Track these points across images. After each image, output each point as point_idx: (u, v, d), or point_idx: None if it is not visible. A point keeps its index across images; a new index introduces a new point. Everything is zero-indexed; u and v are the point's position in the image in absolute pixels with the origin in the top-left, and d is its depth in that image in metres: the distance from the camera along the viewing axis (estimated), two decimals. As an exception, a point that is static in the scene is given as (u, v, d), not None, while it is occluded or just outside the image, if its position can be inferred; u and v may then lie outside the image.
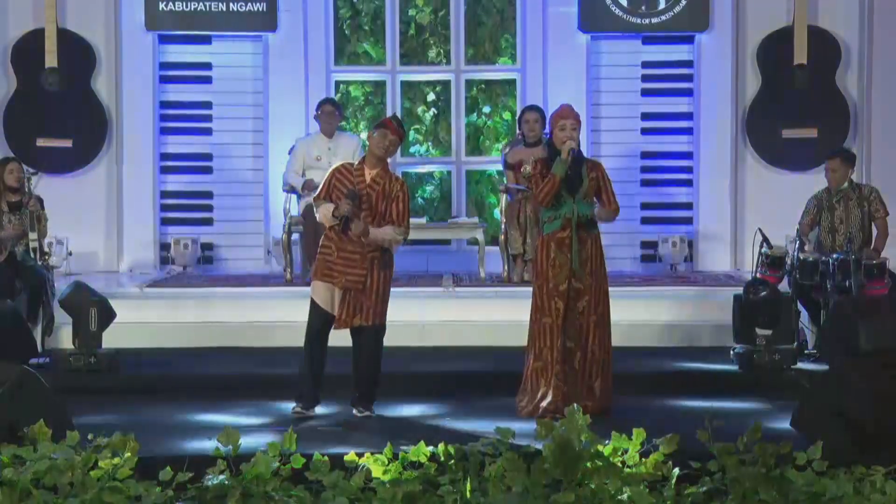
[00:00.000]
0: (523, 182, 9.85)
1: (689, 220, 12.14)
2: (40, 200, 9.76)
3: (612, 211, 7.81)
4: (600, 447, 6.31)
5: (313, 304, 7.75)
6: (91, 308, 8.89)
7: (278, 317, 9.80)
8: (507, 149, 11.02)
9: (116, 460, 6.34)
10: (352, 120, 12.50)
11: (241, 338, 9.82)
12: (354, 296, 7.58)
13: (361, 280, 7.56)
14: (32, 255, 9.53)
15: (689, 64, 12.19)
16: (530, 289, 7.97)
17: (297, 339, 9.11)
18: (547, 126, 9.37)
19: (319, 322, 7.75)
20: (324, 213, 7.56)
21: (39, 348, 9.04)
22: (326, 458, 6.42)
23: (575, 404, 6.74)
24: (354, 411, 7.75)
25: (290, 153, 11.15)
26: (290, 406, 7.89)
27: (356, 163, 7.83)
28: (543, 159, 7.81)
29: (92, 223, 11.92)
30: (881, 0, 11.92)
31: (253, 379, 8.76)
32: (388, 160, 7.85)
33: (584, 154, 7.95)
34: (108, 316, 8.94)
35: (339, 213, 7.44)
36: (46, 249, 9.86)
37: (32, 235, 9.57)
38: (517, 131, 11.32)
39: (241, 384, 8.63)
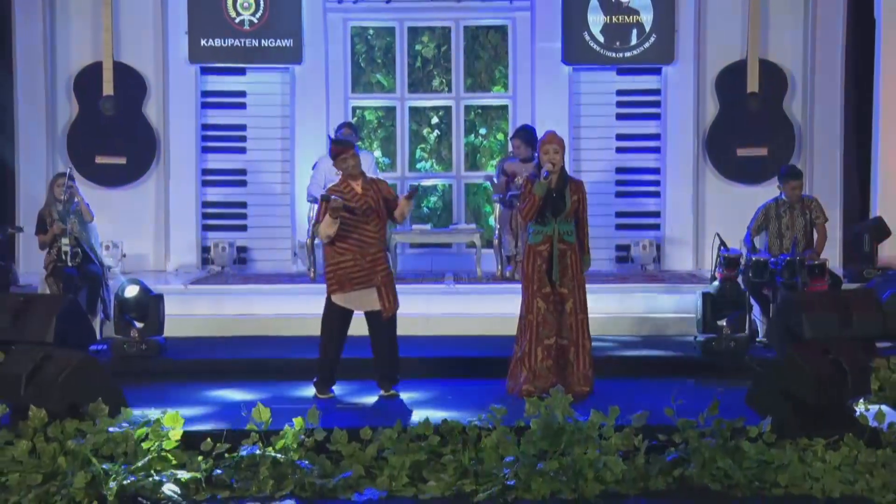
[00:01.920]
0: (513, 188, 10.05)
1: (656, 227, 12.10)
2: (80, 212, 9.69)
3: (584, 235, 7.81)
4: (580, 422, 6.32)
5: (333, 306, 7.73)
6: (148, 301, 8.90)
7: (303, 310, 9.73)
8: (505, 162, 10.97)
9: (164, 434, 6.35)
10: (367, 139, 12.44)
11: (271, 328, 9.86)
12: (389, 286, 7.66)
13: (389, 272, 7.71)
14: (84, 255, 9.46)
15: (657, 92, 12.13)
16: (520, 285, 7.96)
17: (319, 329, 9.11)
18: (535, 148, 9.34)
19: (341, 320, 7.75)
20: (325, 225, 7.53)
21: (98, 336, 8.99)
22: (345, 431, 6.45)
23: (560, 386, 6.84)
24: (381, 391, 7.75)
25: (313, 168, 11.13)
26: (312, 386, 7.86)
27: (339, 183, 7.78)
28: (530, 179, 7.76)
29: (143, 229, 11.89)
30: (822, 38, 11.87)
31: (282, 363, 8.71)
32: (364, 172, 7.85)
33: (568, 172, 7.89)
34: (156, 309, 8.91)
35: (337, 206, 7.40)
36: (104, 248, 9.84)
37: (83, 235, 9.54)
38: (509, 149, 11.30)
39: (271, 368, 8.61)
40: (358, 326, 7.78)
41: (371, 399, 7.71)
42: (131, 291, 8.97)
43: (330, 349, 7.74)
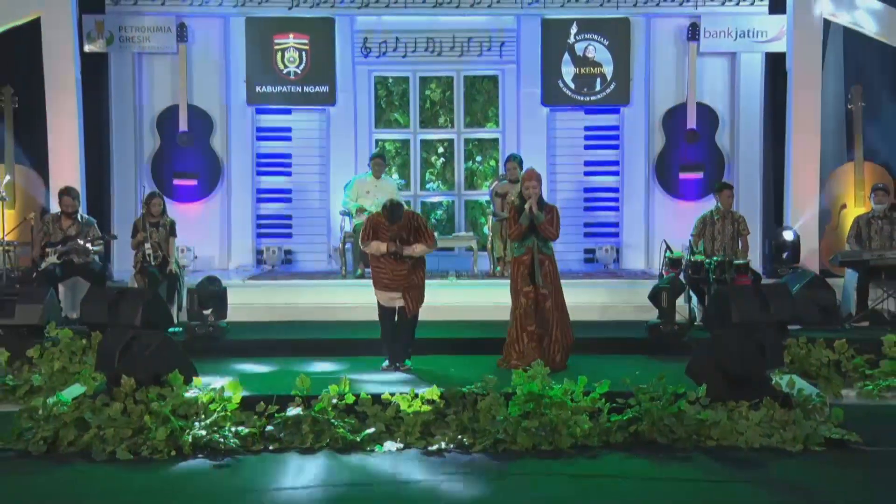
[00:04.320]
0: (506, 209, 9.89)
1: (616, 234, 12.03)
2: (173, 224, 9.71)
3: (552, 234, 7.74)
4: (556, 389, 6.33)
5: (380, 304, 7.82)
6: (214, 293, 8.89)
7: (336, 300, 9.81)
8: (495, 183, 10.98)
9: (226, 398, 6.38)
10: (388, 165, 12.35)
11: (311, 314, 9.81)
12: (411, 292, 7.67)
13: (411, 282, 7.68)
14: (164, 257, 9.51)
15: (616, 127, 12.07)
16: (508, 281, 7.99)
17: (350, 315, 9.19)
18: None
19: (386, 313, 7.80)
20: (375, 248, 7.66)
21: (174, 321, 8.97)
22: (369, 396, 6.46)
23: (541, 360, 6.81)
24: (397, 364, 7.74)
25: (345, 187, 11.06)
26: (344, 360, 7.88)
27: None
28: (515, 207, 7.81)
29: (210, 236, 11.85)
30: (744, 86, 11.86)
31: (319, 342, 8.67)
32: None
33: (545, 198, 7.90)
34: (222, 299, 8.91)
35: (392, 251, 7.58)
36: (180, 252, 9.87)
37: (173, 241, 9.63)
38: (500, 172, 11.27)
39: (311, 346, 8.56)
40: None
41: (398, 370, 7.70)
42: (206, 285, 8.98)
43: (384, 332, 7.82)
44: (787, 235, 10.70)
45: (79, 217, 9.79)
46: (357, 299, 9.32)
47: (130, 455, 5.85)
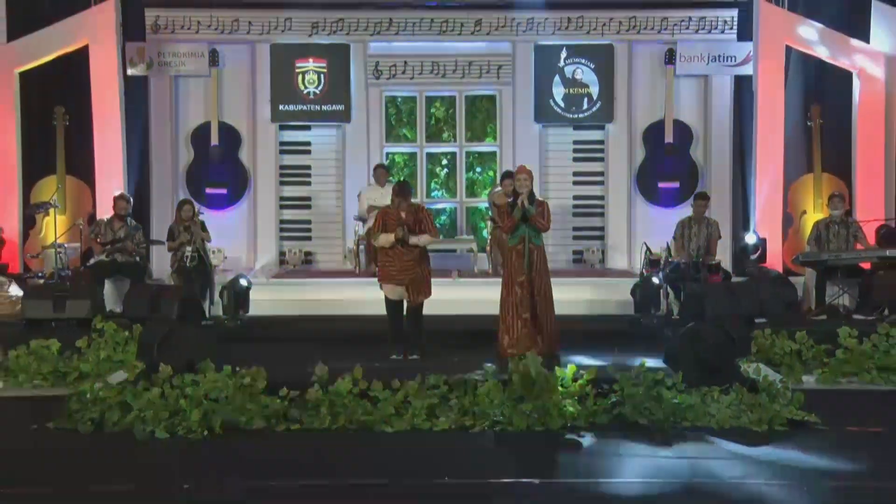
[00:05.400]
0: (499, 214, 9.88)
1: (601, 237, 12.04)
2: (203, 224, 9.73)
3: (543, 226, 7.58)
4: (548, 376, 6.28)
5: (387, 298, 7.75)
6: (242, 290, 8.89)
7: (351, 296, 9.78)
8: (494, 195, 10.89)
9: (253, 383, 6.36)
10: (396, 175, 12.44)
11: (328, 308, 9.81)
12: (415, 284, 7.63)
13: (417, 274, 7.64)
14: (199, 258, 9.51)
15: (601, 142, 12.07)
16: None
17: (365, 309, 9.11)
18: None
19: (393, 306, 7.75)
20: (384, 239, 7.57)
21: (206, 315, 9.02)
22: (381, 382, 6.43)
23: (535, 350, 6.79)
24: (407, 355, 7.71)
25: (358, 196, 11.12)
26: (358, 349, 7.82)
27: (391, 205, 7.78)
28: (508, 202, 7.75)
29: (238, 239, 11.86)
30: (716, 105, 11.86)
31: (335, 333, 8.73)
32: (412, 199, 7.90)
33: (536, 195, 7.82)
34: (248, 295, 8.93)
35: (399, 237, 7.50)
36: (211, 253, 9.89)
37: (208, 243, 9.66)
38: (496, 183, 11.26)
39: (328, 336, 8.60)
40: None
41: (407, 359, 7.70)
42: (236, 283, 8.99)
43: (392, 323, 7.77)
44: (749, 238, 10.78)
45: (128, 221, 9.86)
46: (369, 296, 9.29)
47: (167, 434, 5.86)
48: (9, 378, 7.55)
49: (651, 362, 6.66)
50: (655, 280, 8.94)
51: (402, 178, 7.81)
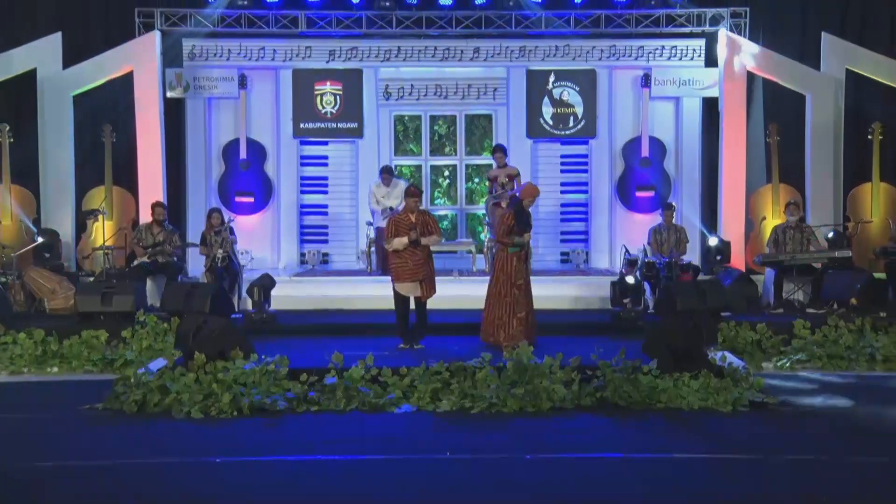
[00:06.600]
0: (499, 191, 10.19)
1: (586, 240, 11.93)
2: (231, 228, 9.72)
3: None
4: (538, 363, 6.31)
5: (398, 293, 7.71)
6: (266, 287, 8.86)
7: (364, 293, 9.74)
8: (488, 172, 10.85)
9: (277, 370, 6.36)
10: (404, 186, 12.40)
11: (343, 303, 9.79)
12: (429, 279, 7.65)
13: (428, 271, 7.65)
14: (229, 259, 9.49)
15: (585, 155, 11.99)
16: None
17: (376, 304, 9.09)
18: (516, 187, 9.43)
19: (403, 302, 7.73)
20: (398, 242, 7.59)
21: (235, 309, 8.98)
22: (389, 369, 6.40)
23: (525, 340, 6.79)
24: (413, 344, 7.69)
25: (368, 192, 11.04)
26: (369, 339, 7.81)
27: (402, 211, 7.75)
28: (513, 213, 7.66)
29: (263, 242, 11.78)
30: (686, 123, 11.77)
31: (349, 326, 8.69)
32: (421, 205, 7.89)
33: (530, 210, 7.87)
34: (271, 291, 8.92)
35: (413, 238, 7.52)
36: (239, 254, 9.88)
37: (236, 245, 9.68)
38: (494, 165, 10.92)
39: (343, 329, 8.58)
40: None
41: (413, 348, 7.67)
42: (260, 281, 8.95)
43: (400, 318, 7.75)
44: (712, 241, 10.79)
45: (165, 225, 9.88)
46: (380, 292, 9.29)
47: (202, 415, 5.86)
48: (63, 364, 7.57)
49: (630, 351, 6.62)
50: (632, 279, 8.92)
51: (412, 183, 7.79)
